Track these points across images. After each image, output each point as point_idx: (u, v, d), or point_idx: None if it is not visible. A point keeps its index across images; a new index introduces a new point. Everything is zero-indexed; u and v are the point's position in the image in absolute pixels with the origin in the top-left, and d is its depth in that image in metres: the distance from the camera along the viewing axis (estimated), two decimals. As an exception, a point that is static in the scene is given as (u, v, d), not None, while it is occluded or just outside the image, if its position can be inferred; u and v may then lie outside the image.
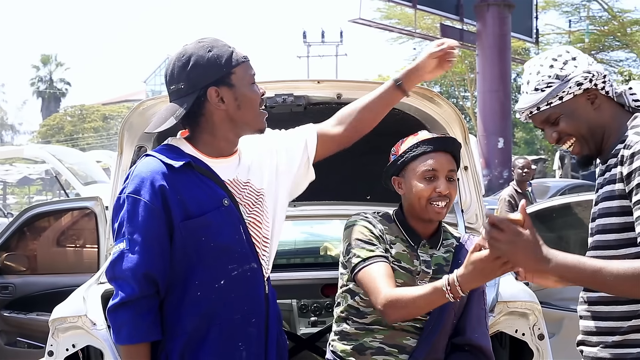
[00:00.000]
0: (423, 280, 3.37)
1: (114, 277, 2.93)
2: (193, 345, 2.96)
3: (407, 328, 3.36)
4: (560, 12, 45.92)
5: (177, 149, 3.06)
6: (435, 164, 3.37)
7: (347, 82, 4.59)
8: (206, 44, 3.04)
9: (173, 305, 2.98)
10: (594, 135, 2.93)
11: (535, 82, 2.93)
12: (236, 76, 3.03)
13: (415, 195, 3.37)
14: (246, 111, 3.06)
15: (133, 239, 2.90)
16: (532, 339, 3.97)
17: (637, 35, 42.95)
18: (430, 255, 3.44)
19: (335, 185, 5.02)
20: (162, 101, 4.42)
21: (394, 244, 3.42)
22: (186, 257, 2.95)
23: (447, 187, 3.36)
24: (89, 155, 22.78)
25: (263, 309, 3.09)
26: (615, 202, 2.79)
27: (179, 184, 2.94)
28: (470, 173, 4.77)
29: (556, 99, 2.89)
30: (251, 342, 3.04)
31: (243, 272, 3.02)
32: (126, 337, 2.91)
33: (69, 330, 3.96)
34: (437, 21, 33.68)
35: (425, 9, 27.92)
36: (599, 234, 2.87)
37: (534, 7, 30.77)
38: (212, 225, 2.95)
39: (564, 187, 18.15)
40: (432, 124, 4.61)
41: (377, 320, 3.38)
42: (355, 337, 3.41)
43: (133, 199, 2.92)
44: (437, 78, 50.08)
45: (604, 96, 2.92)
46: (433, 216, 3.38)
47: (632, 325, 2.80)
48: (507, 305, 3.95)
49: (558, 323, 6.09)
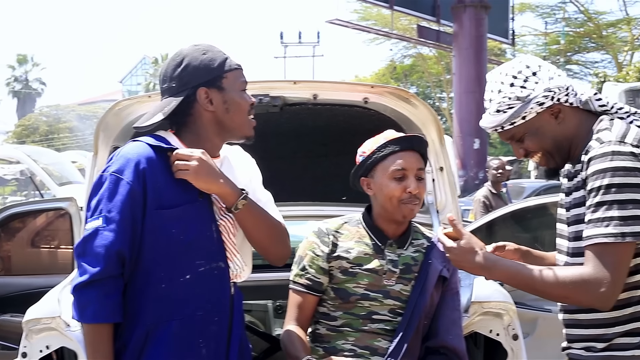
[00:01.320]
0: (390, 280, 3.38)
1: (84, 254, 2.90)
2: (152, 337, 2.94)
3: (377, 330, 3.37)
4: (536, 14, 46.28)
5: (164, 140, 3.07)
6: (404, 163, 3.37)
7: (324, 83, 4.59)
8: (201, 48, 3.10)
9: (136, 293, 2.95)
10: (560, 149, 2.95)
11: (496, 104, 2.93)
12: (227, 80, 3.06)
13: (385, 195, 3.37)
14: (234, 115, 3.08)
15: (110, 217, 2.89)
16: (506, 339, 3.97)
17: (612, 37, 43.26)
18: (398, 255, 3.44)
19: (311, 186, 5.02)
20: (138, 101, 4.41)
21: (352, 249, 3.43)
22: (155, 247, 2.94)
23: (417, 186, 3.36)
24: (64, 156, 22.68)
25: (227, 309, 3.08)
26: (583, 209, 2.81)
27: (160, 172, 2.95)
28: (446, 173, 4.77)
29: (519, 119, 2.90)
30: (211, 340, 3.03)
31: (210, 270, 3.02)
32: (91, 315, 2.87)
33: (42, 332, 3.93)
34: (414, 22, 33.75)
35: (402, 10, 27.98)
36: (575, 241, 2.89)
37: (510, 8, 30.91)
38: (184, 218, 2.96)
39: (540, 187, 18.20)
40: (408, 124, 4.62)
41: (348, 323, 3.39)
42: (328, 338, 3.42)
43: (115, 177, 2.92)
44: (414, 79, 50.26)
45: (568, 107, 2.92)
46: (404, 216, 3.38)
47: (618, 332, 2.82)
48: (482, 306, 3.96)
49: (532, 323, 6.13)
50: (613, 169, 2.67)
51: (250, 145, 3.23)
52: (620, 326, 2.81)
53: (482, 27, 25.81)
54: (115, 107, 4.42)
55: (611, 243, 2.65)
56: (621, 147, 2.71)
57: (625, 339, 2.79)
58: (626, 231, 2.64)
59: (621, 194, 2.65)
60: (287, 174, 5.24)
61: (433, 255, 3.44)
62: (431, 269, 3.42)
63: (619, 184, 2.65)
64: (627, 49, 42.13)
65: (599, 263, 2.67)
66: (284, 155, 5.17)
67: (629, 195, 2.65)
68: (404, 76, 51.33)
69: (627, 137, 2.75)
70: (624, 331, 2.80)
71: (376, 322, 3.36)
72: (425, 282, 3.39)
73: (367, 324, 3.36)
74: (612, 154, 2.69)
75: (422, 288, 3.38)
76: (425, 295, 3.37)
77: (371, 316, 3.37)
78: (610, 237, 2.65)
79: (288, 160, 5.19)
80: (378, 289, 3.37)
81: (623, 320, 2.80)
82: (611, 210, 2.65)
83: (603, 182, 2.67)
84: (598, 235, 2.67)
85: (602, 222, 2.67)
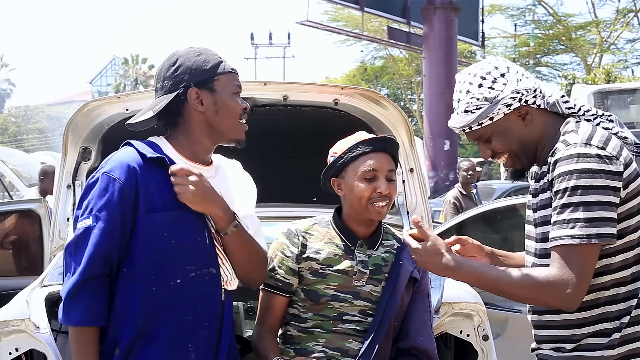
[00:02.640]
0: (360, 281, 3.38)
1: (75, 253, 2.93)
2: (142, 340, 2.95)
3: (348, 331, 3.37)
4: (506, 16, 46.49)
5: (156, 146, 3.08)
6: (375, 164, 3.37)
7: (294, 84, 4.59)
8: (197, 50, 3.14)
9: (126, 296, 2.96)
10: (527, 150, 2.98)
11: (465, 104, 2.95)
12: (219, 83, 3.09)
13: (355, 195, 3.37)
14: (223, 118, 3.09)
15: (101, 216, 2.91)
16: (476, 340, 3.98)
17: (581, 39, 43.59)
18: (368, 256, 3.44)
19: (282, 187, 5.02)
20: (108, 102, 4.39)
21: (322, 250, 3.43)
22: (146, 250, 2.94)
23: (388, 187, 3.36)
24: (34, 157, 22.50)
25: (217, 314, 3.08)
26: (550, 211, 2.83)
27: (152, 178, 2.97)
28: (416, 175, 4.79)
29: (487, 120, 2.93)
30: (201, 344, 3.03)
31: (201, 275, 3.03)
32: (77, 319, 2.90)
33: (11, 334, 3.90)
34: (385, 24, 33.82)
35: (373, 12, 28.06)
36: (542, 242, 2.91)
37: (480, 10, 31.04)
38: (176, 222, 2.97)
39: (509, 189, 18.25)
40: (378, 125, 4.63)
41: (318, 324, 3.39)
42: (298, 340, 3.41)
43: (108, 177, 2.94)
44: (385, 80, 50.36)
45: (535, 109, 2.95)
46: (374, 216, 3.38)
47: (586, 332, 2.84)
48: (452, 307, 3.97)
49: (502, 324, 6.16)
50: (579, 171, 2.69)
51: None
52: (589, 327, 2.83)
53: (452, 29, 25.92)
54: (85, 107, 4.40)
55: (577, 244, 2.67)
56: (587, 149, 2.73)
57: (594, 340, 2.82)
58: (592, 233, 2.67)
59: (587, 196, 2.67)
60: (258, 175, 5.21)
61: (404, 256, 3.44)
62: (402, 270, 3.42)
63: (585, 185, 2.68)
64: (596, 51, 42.46)
65: (565, 264, 2.69)
66: (255, 156, 5.14)
67: (595, 197, 2.67)
68: (375, 77, 51.45)
69: (593, 139, 2.78)
70: (593, 332, 2.82)
71: (347, 322, 3.36)
72: (396, 283, 3.40)
73: (338, 325, 3.36)
74: (577, 156, 2.71)
75: (393, 289, 3.38)
76: (396, 296, 3.38)
77: (342, 317, 3.37)
78: (575, 239, 2.67)
79: (258, 161, 5.17)
80: (348, 290, 3.37)
81: (591, 321, 2.82)
82: (577, 212, 2.68)
83: (569, 183, 2.69)
84: (564, 236, 2.69)
85: (568, 224, 2.69)
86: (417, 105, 48.02)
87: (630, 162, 2.81)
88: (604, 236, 2.68)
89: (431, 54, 25.96)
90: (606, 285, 2.81)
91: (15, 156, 19.65)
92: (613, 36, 42.85)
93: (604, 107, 15.84)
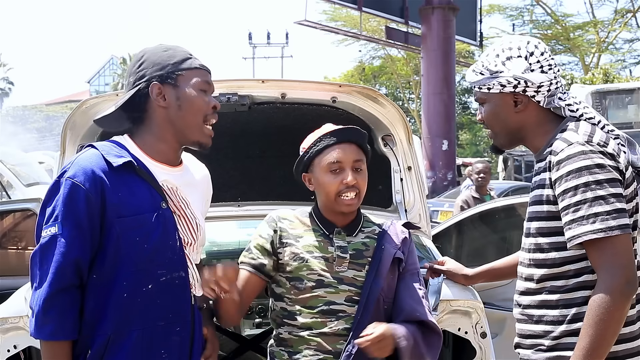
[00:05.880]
0: (341, 266, 3.35)
1: (41, 263, 2.84)
2: (113, 348, 2.89)
3: (340, 332, 3.31)
4: (504, 16, 46.51)
5: (122, 147, 3.02)
6: (339, 155, 3.34)
7: (292, 82, 4.60)
8: (165, 46, 3.08)
9: (98, 303, 2.89)
10: (508, 133, 3.05)
11: (480, 63, 3.05)
12: (184, 78, 3.01)
13: (323, 189, 3.35)
14: (186, 114, 3.02)
15: (67, 223, 2.82)
16: (474, 337, 3.99)
17: (579, 39, 43.57)
18: (347, 242, 3.40)
19: (280, 185, 5.02)
20: (105, 100, 4.39)
21: (301, 237, 3.41)
22: (118, 256, 2.88)
23: (355, 178, 3.32)
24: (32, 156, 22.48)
25: (189, 319, 3.05)
26: (545, 207, 2.85)
27: (118, 182, 2.89)
28: (414, 173, 4.80)
29: (485, 88, 3.02)
30: (174, 351, 3.00)
31: (171, 279, 2.98)
32: (50, 333, 2.83)
33: (10, 331, 3.91)
34: (383, 24, 33.75)
35: (371, 12, 27.99)
36: (527, 237, 2.93)
37: (479, 10, 31.00)
38: (147, 226, 2.91)
39: (507, 188, 18.30)
40: (376, 123, 4.64)
41: (307, 324, 3.34)
42: (290, 343, 3.38)
43: (72, 183, 2.84)
44: (383, 80, 50.36)
45: (534, 103, 2.99)
46: (344, 208, 3.36)
47: (564, 330, 2.86)
48: (450, 304, 3.97)
49: (501, 323, 6.15)
50: (587, 167, 2.72)
51: (219, 145, 3.22)
52: (566, 325, 2.85)
53: (450, 28, 25.87)
54: (83, 105, 4.40)
55: (602, 238, 2.69)
56: (590, 146, 2.76)
57: (572, 339, 2.82)
58: (613, 225, 2.69)
59: (601, 190, 2.70)
60: (256, 173, 5.25)
61: (386, 240, 3.42)
62: (384, 252, 3.39)
63: (597, 180, 2.71)
64: (594, 51, 42.50)
65: (603, 266, 2.71)
66: (253, 155, 5.17)
67: (609, 190, 2.71)
68: (373, 77, 51.44)
69: (594, 138, 2.81)
70: (571, 330, 2.84)
71: (335, 317, 3.32)
72: (379, 266, 3.36)
73: (327, 324, 3.32)
74: (582, 153, 2.74)
75: (376, 272, 3.34)
76: (379, 279, 3.34)
77: (330, 306, 3.31)
78: (600, 233, 2.69)
79: (256, 159, 5.19)
80: (331, 275, 3.34)
81: (569, 319, 2.85)
82: (594, 206, 2.70)
83: (580, 180, 2.71)
84: (586, 232, 2.71)
85: (588, 219, 2.71)
86: (415, 105, 48.01)
87: (628, 164, 2.84)
88: (624, 227, 2.70)
89: (429, 54, 25.91)
90: (587, 285, 2.83)
91: (13, 155, 19.63)
92: (611, 36, 42.90)
93: (602, 107, 15.87)
